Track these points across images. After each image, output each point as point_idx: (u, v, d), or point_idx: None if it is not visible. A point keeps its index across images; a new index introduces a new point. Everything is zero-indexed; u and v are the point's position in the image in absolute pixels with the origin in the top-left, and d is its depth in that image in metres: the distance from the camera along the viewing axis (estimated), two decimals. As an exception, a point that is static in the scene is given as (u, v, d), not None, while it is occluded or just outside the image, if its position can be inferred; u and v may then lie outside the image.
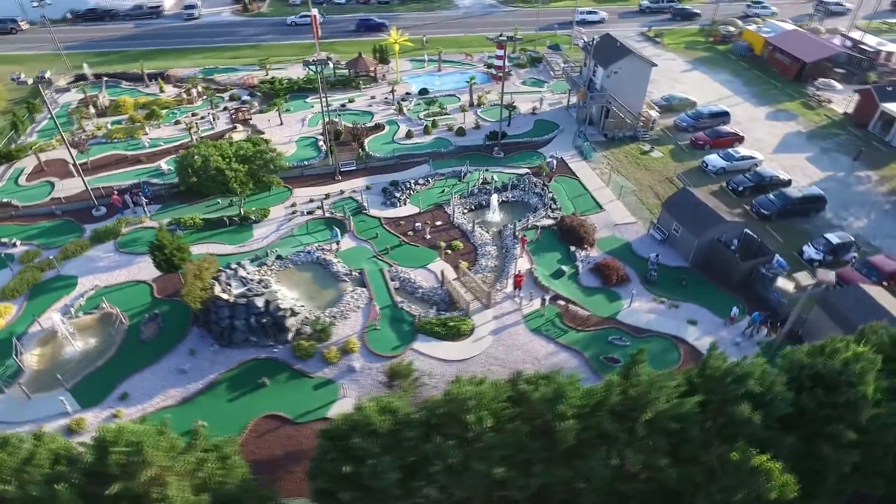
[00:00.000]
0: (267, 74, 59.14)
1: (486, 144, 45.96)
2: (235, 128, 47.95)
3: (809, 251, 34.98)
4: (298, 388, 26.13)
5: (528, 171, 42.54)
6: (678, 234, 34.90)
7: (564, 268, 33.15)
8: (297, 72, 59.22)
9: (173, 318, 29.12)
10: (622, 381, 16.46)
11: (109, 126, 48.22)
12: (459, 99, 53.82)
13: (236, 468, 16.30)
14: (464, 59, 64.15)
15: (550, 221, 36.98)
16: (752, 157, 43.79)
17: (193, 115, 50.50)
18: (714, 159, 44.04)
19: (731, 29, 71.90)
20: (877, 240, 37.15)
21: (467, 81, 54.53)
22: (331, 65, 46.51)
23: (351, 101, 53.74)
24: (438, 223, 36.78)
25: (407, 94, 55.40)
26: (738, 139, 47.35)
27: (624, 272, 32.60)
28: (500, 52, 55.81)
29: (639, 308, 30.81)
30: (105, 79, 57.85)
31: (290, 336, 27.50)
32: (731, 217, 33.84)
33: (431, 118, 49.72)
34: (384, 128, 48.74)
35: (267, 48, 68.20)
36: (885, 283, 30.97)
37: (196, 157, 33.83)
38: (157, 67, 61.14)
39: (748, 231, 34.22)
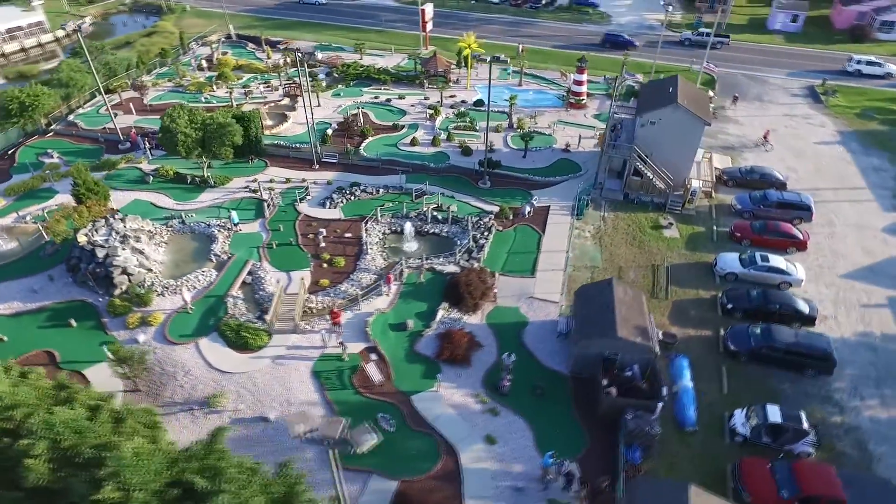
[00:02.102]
0: (361, 58, 61.98)
1: (476, 171, 41.94)
2: (284, 100, 51.72)
3: (738, 420, 24.89)
4: (91, 338, 28.14)
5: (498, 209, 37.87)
6: (571, 335, 27.97)
7: (411, 323, 29.15)
8: (392, 61, 60.86)
9: (67, 246, 33.45)
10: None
11: (202, 79, 56.09)
12: (508, 118, 49.62)
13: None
14: (557, 77, 58.53)
15: (455, 269, 32.62)
16: (785, 273, 32.18)
17: (266, 84, 55.68)
18: (729, 259, 33.49)
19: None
20: (876, 445, 24.70)
21: (507, 100, 49.89)
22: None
23: (401, 97, 53.48)
24: (348, 235, 35.22)
25: (462, 101, 53.01)
26: (798, 244, 35.05)
27: (463, 353, 27.36)
28: (580, 77, 50.36)
29: (449, 398, 25.79)
30: (237, 40, 67.06)
31: (116, 291, 29.66)
32: (639, 337, 25.75)
33: (451, 130, 46.96)
34: (401, 129, 47.69)
35: (391, 34, 71.14)
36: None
37: (166, 117, 37.73)
38: (283, 37, 68.47)
39: (655, 365, 25.74)
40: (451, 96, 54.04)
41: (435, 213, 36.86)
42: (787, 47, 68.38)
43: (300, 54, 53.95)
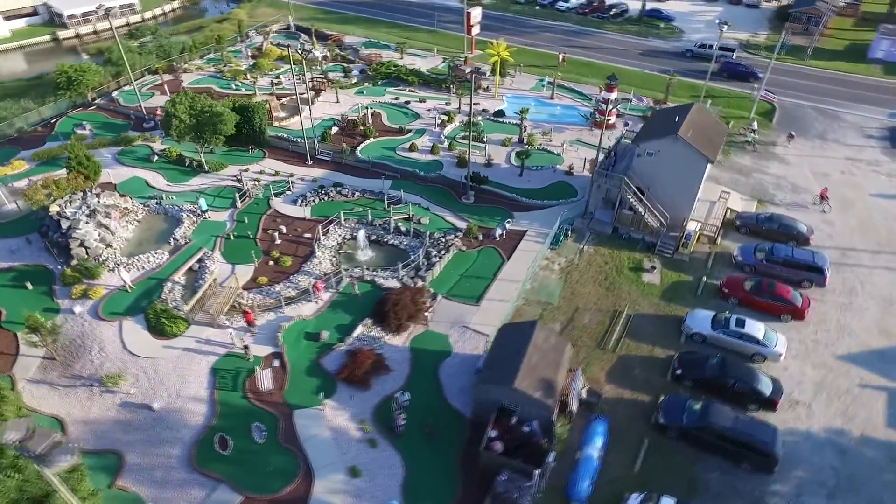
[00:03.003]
0: (402, 58, 61.85)
1: (462, 184, 40.20)
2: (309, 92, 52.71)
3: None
4: (39, 302, 30.06)
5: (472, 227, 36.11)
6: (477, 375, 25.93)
7: (325, 334, 28.33)
8: (431, 63, 60.24)
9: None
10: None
11: (243, 67, 58.58)
12: (525, 130, 47.18)
13: None
14: (595, 94, 54.82)
15: (395, 285, 31.40)
16: (760, 343, 27.72)
17: (299, 76, 56.96)
18: (700, 317, 29.43)
19: None
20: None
21: (517, 112, 47.29)
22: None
23: (422, 100, 52.59)
24: (307, 235, 35.02)
25: (483, 110, 51.19)
26: (794, 312, 30.13)
27: (362, 375, 26.13)
28: (609, 95, 47.11)
29: (331, 419, 24.79)
30: (293, 31, 69.41)
31: (73, 262, 31.52)
32: (538, 392, 23.25)
33: (458, 140, 45.43)
34: (406, 133, 46.87)
35: (442, 36, 70.38)
36: None
37: (169, 102, 39.59)
38: (337, 31, 69.92)
39: (552, 425, 23.14)
40: (476, 104, 52.36)
41: (399, 224, 35.76)
42: (883, 80, 59.37)
43: (307, 49, 54.50)
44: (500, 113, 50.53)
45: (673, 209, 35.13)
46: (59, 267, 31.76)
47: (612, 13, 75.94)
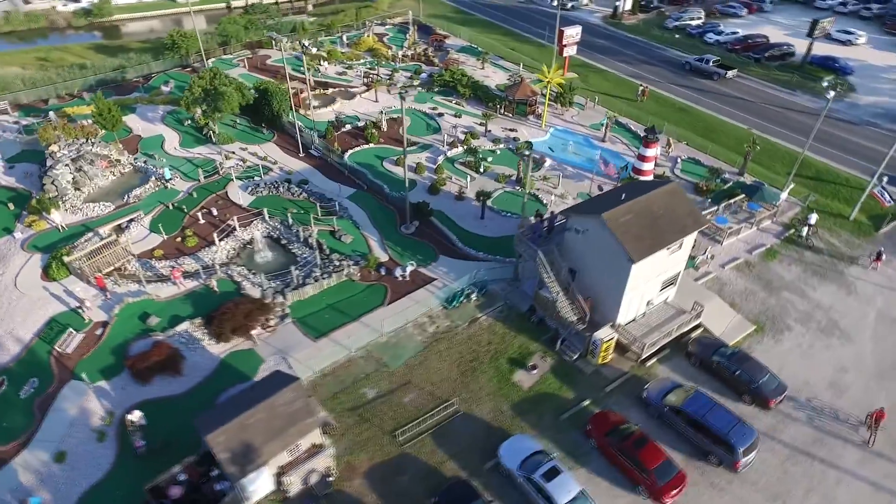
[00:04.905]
0: (482, 68, 59.02)
1: (411, 212, 37.03)
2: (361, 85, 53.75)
3: None
4: (5, 220, 35.84)
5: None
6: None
7: (155, 320, 28.90)
8: (503, 78, 56.72)
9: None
10: None
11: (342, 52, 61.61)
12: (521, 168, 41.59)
13: None
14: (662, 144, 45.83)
15: (255, 294, 30.57)
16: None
17: (372, 69, 57.97)
18: (517, 447, 23.03)
19: None
20: None
21: (517, 150, 41.30)
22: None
23: (458, 115, 49.53)
24: (229, 223, 35.75)
25: (514, 139, 46.39)
26: (651, 488, 21.86)
27: (141, 369, 26.12)
28: (649, 152, 39.84)
29: (86, 401, 25.41)
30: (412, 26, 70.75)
31: (47, 196, 36.93)
32: (224, 453, 20.85)
33: (452, 162, 42.04)
34: (413, 145, 44.76)
35: (549, 50, 65.02)
36: None
37: (198, 75, 43.48)
38: (453, 31, 69.13)
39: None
40: (512, 129, 47.73)
41: (310, 235, 34.56)
42: None
43: (307, 46, 53.75)
44: (529, 145, 45.18)
45: (600, 304, 28.09)
46: (36, 197, 37.61)
47: (768, 54, 61.92)
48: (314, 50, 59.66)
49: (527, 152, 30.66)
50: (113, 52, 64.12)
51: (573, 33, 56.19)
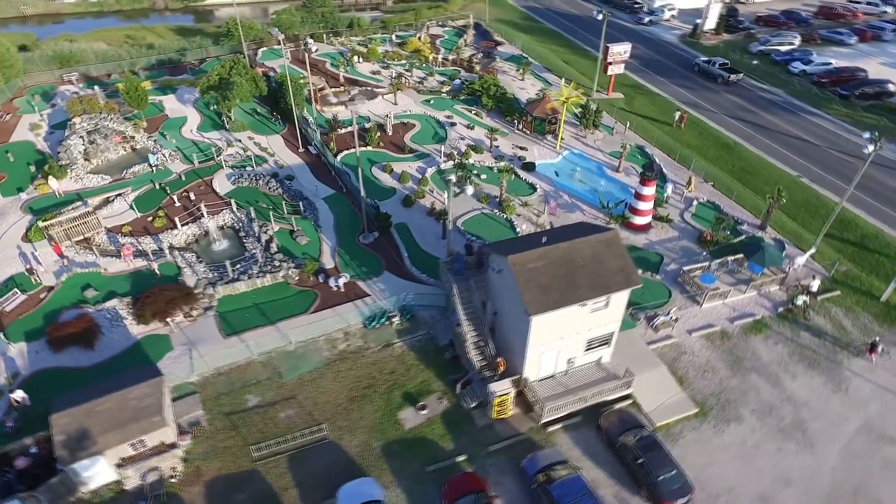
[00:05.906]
0: (522, 79, 56.44)
1: (375, 221, 35.94)
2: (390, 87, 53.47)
3: None
4: (23, 180, 39.66)
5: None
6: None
7: (92, 293, 30.44)
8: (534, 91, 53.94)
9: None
10: None
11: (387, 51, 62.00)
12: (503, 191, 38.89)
13: None
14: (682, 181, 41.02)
15: (190, 282, 31.23)
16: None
17: (408, 71, 57.41)
18: (347, 496, 21.36)
19: None
20: None
21: (556, 174, 38.58)
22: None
23: (471, 127, 47.50)
24: (198, 208, 36.71)
25: (519, 158, 43.63)
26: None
27: (56, 337, 27.55)
28: (646, 191, 36.45)
29: (11, 357, 27.28)
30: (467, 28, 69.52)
31: (59, 163, 40.42)
32: (60, 435, 21.35)
33: (441, 175, 40.45)
34: (408, 153, 43.57)
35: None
36: None
37: (220, 64, 45.48)
38: (512, 37, 66.90)
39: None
40: (521, 147, 44.99)
41: (266, 231, 34.70)
42: None
43: (311, 46, 52.84)
44: (531, 166, 42.36)
45: (511, 354, 25.54)
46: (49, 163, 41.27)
47: (860, 91, 53.15)
48: (315, 49, 60.16)
49: (451, 177, 28.27)
50: (191, 34, 69.10)
51: (621, 50, 52.26)
